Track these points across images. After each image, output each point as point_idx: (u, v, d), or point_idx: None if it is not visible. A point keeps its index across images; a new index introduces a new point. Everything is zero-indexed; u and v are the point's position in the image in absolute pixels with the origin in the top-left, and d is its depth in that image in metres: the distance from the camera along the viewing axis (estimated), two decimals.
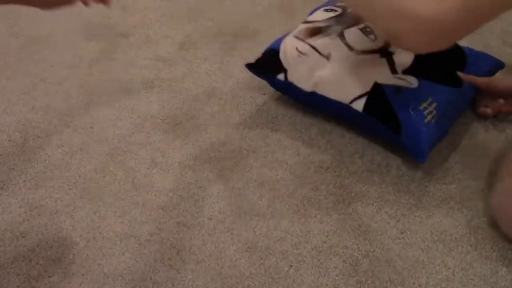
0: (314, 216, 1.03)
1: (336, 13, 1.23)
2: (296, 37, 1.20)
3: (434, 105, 1.08)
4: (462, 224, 1.01)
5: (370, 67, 1.13)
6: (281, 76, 1.19)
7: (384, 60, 1.14)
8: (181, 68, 1.37)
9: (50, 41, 1.46)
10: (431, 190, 1.07)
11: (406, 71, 1.12)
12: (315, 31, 1.18)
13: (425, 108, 1.07)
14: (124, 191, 1.08)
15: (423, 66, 1.13)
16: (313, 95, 1.16)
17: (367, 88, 1.10)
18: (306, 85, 1.16)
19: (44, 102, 1.28)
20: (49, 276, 0.94)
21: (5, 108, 1.27)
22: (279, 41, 1.22)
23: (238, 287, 0.92)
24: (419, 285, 0.92)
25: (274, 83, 1.23)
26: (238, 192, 1.07)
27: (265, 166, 1.12)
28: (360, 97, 1.10)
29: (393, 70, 1.12)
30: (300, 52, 1.17)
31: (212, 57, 1.40)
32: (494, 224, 1.00)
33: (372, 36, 1.16)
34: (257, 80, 1.30)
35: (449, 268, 0.94)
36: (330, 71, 1.13)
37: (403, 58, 1.14)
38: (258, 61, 1.24)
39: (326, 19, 1.22)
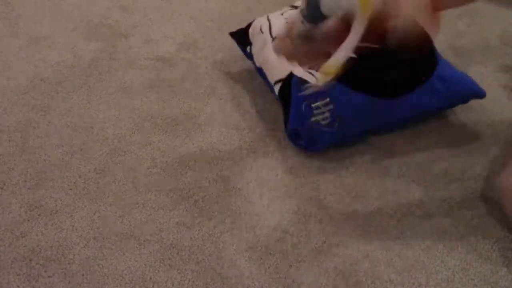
0: (314, 216, 1.03)
1: None
2: (267, 16, 1.28)
3: (330, 106, 1.09)
4: (462, 224, 1.01)
5: None
6: (249, 49, 1.28)
7: None
8: (181, 68, 1.37)
9: (50, 41, 1.46)
10: (431, 190, 1.07)
11: None
12: None
13: (317, 108, 1.10)
14: (124, 191, 1.08)
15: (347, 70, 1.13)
16: (261, 71, 1.24)
17: (285, 75, 1.16)
18: (257, 61, 1.25)
19: (44, 102, 1.28)
20: (49, 276, 0.94)
21: (5, 108, 1.27)
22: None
23: (238, 287, 0.92)
24: (419, 285, 0.92)
25: (246, 54, 1.31)
26: (238, 192, 1.07)
27: (265, 166, 1.12)
28: (279, 81, 1.17)
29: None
30: (260, 30, 1.26)
31: (212, 57, 1.40)
32: (494, 224, 1.00)
33: None
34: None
35: (449, 268, 0.94)
36: (270, 51, 1.19)
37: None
38: (239, 31, 1.34)
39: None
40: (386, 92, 1.10)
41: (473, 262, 0.95)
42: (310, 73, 1.13)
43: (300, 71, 1.14)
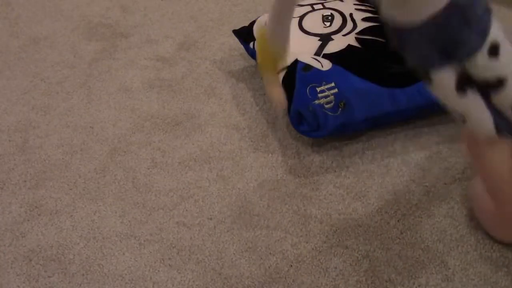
0: (314, 216, 1.03)
1: None
2: None
3: (334, 90, 1.11)
4: (462, 224, 1.01)
5: (302, 46, 1.20)
6: (252, 45, 1.28)
7: (318, 43, 1.20)
8: (181, 68, 1.37)
9: (50, 41, 1.47)
10: (430, 190, 1.07)
11: (327, 56, 1.17)
12: None
13: (322, 91, 1.11)
14: (124, 191, 1.08)
15: (353, 58, 1.16)
16: None
17: (289, 62, 1.17)
18: None
19: (44, 102, 1.28)
20: (49, 276, 0.94)
21: (5, 108, 1.27)
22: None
23: (238, 287, 0.92)
24: (419, 285, 0.92)
25: (248, 50, 1.32)
26: (238, 192, 1.07)
27: (265, 166, 1.12)
28: (283, 69, 1.17)
29: (317, 53, 1.18)
30: (266, 24, 1.25)
31: (212, 57, 1.40)
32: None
33: (327, 23, 1.23)
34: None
35: (449, 268, 0.94)
36: None
37: (333, 46, 1.19)
38: (242, 29, 1.35)
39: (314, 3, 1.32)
40: (390, 82, 1.13)
41: (473, 262, 0.95)
42: (316, 59, 1.16)
43: (305, 58, 1.16)
